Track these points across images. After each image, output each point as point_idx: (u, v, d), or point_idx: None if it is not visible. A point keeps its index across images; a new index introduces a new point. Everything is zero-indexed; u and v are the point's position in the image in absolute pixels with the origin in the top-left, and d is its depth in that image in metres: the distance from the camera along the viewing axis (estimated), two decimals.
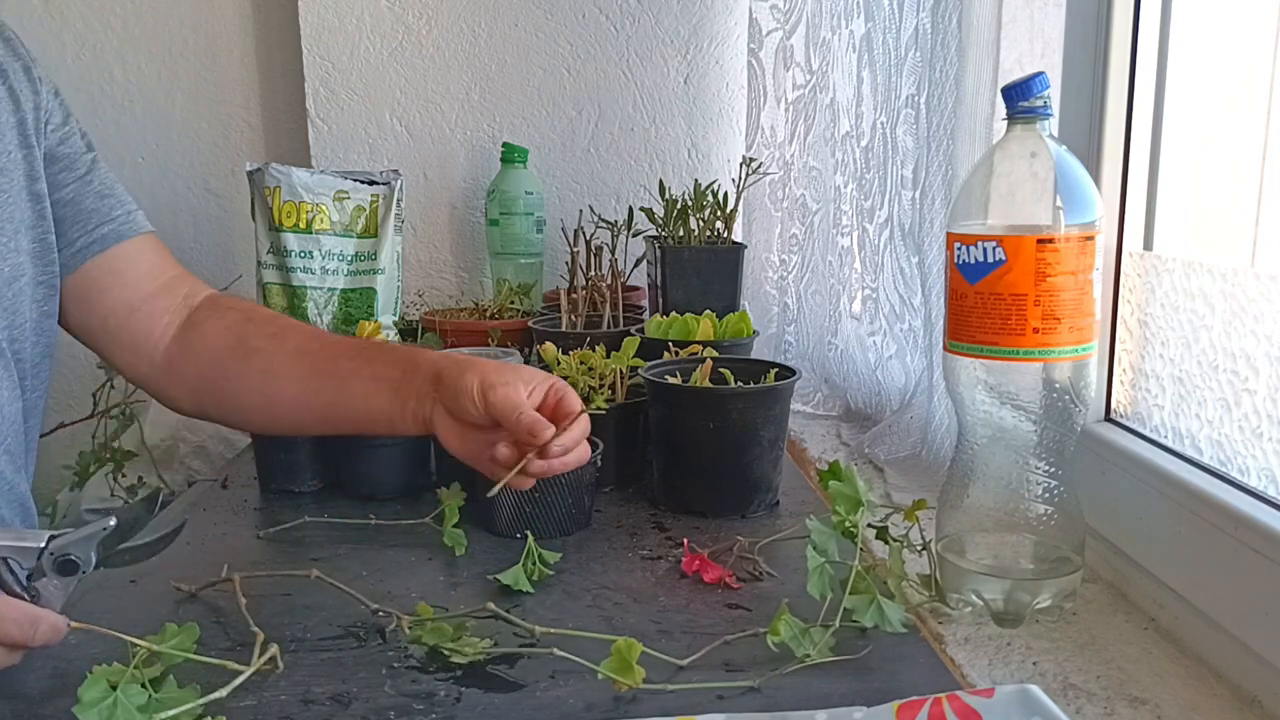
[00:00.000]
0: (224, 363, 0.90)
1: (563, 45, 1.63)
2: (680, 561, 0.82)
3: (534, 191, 1.59)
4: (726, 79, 1.64)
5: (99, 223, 0.91)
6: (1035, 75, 0.69)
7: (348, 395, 0.84)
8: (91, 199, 0.92)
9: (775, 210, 1.47)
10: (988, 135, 0.91)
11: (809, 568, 0.65)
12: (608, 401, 1.03)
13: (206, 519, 0.96)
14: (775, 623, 0.64)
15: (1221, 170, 0.81)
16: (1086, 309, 0.68)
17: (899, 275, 1.13)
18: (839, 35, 1.28)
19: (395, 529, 0.92)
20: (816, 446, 1.20)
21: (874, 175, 1.18)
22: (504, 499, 0.88)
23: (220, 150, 1.73)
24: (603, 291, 1.34)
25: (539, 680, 0.63)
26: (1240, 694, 0.62)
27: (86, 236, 0.91)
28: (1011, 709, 0.53)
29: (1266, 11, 0.75)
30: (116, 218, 0.92)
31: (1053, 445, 0.71)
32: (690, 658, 0.65)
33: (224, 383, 0.90)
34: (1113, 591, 0.78)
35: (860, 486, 0.68)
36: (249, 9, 1.69)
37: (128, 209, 0.94)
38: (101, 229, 0.91)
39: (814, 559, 0.65)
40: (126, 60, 1.69)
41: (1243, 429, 0.68)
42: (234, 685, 0.59)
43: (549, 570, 0.80)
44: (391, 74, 1.63)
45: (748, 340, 1.16)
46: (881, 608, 0.65)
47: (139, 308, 0.92)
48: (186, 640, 0.63)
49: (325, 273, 1.36)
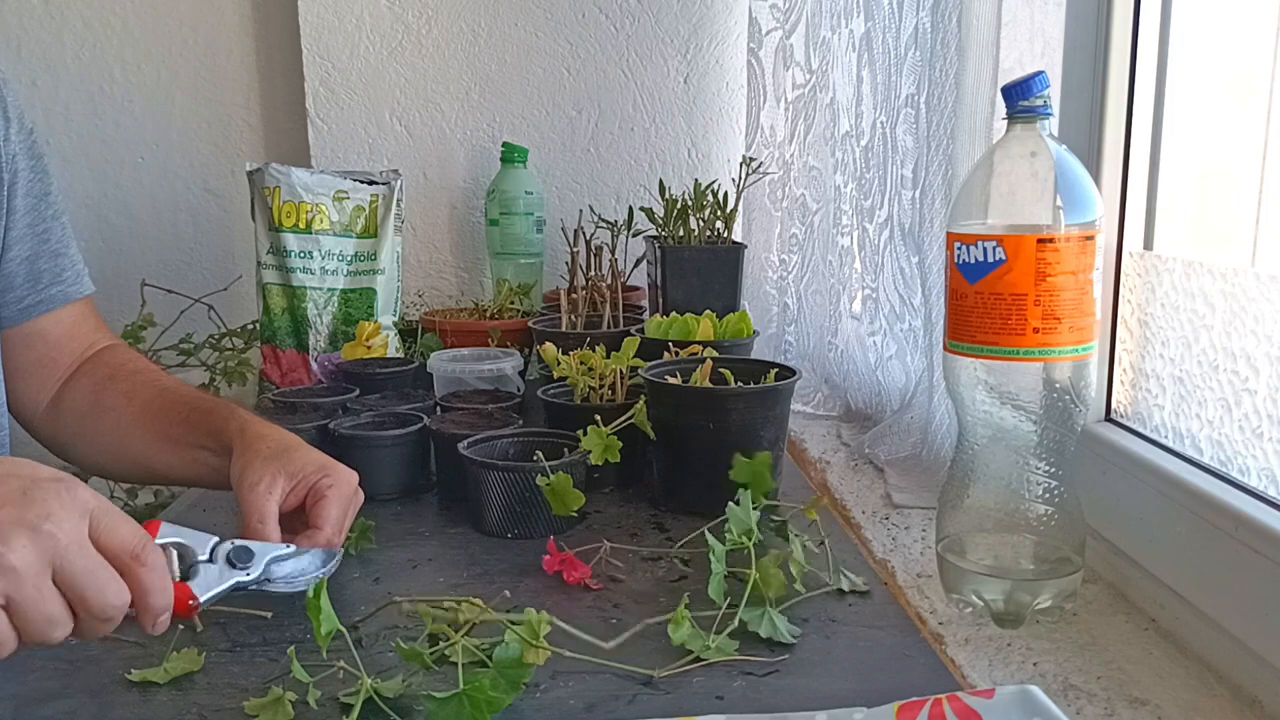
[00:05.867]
0: (83, 420, 0.93)
1: (563, 45, 1.63)
2: (681, 561, 0.82)
3: (534, 191, 1.59)
4: (726, 79, 1.64)
5: (49, 283, 0.91)
6: (1035, 75, 0.69)
7: (177, 460, 0.87)
8: (46, 259, 0.91)
9: (775, 210, 1.47)
10: (988, 135, 0.91)
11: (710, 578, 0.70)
12: (608, 401, 1.03)
13: (206, 520, 0.96)
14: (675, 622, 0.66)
15: (1221, 170, 0.81)
16: (1087, 309, 0.68)
17: (899, 275, 1.13)
18: (839, 35, 1.28)
19: (395, 529, 0.92)
20: (816, 446, 1.20)
21: (874, 175, 1.18)
22: (493, 498, 0.88)
23: (220, 150, 1.73)
24: (603, 291, 1.34)
25: (539, 680, 0.63)
26: (1241, 694, 0.62)
27: (35, 295, 0.91)
28: (1012, 710, 0.53)
29: (1266, 11, 0.75)
30: (66, 279, 0.93)
31: (1053, 445, 0.71)
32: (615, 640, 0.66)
33: (81, 439, 0.93)
34: (1113, 592, 0.78)
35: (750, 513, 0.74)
36: (249, 9, 1.69)
37: (76, 269, 0.94)
38: (50, 290, 0.91)
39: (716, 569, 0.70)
40: (126, 60, 1.69)
41: (1243, 429, 0.68)
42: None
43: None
44: (391, 74, 1.63)
45: (748, 340, 1.16)
46: (773, 620, 0.68)
47: (46, 365, 0.94)
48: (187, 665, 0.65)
49: (325, 273, 1.37)
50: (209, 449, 0.84)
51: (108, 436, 0.91)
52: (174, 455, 0.87)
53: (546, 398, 1.06)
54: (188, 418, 0.87)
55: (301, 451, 0.78)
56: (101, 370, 0.95)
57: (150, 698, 0.63)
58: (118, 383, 0.93)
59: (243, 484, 0.74)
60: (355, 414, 1.06)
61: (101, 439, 0.92)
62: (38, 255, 0.90)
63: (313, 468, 0.77)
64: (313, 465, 0.77)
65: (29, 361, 0.93)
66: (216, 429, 0.83)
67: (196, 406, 0.89)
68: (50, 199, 0.91)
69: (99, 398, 0.92)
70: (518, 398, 1.15)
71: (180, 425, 0.87)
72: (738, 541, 0.73)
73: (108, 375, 0.94)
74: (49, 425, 0.95)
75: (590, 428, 0.92)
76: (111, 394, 0.92)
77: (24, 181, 0.88)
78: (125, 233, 1.73)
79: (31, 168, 0.89)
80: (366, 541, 0.86)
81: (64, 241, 0.93)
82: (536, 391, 1.09)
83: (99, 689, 0.64)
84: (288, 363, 1.38)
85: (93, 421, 0.92)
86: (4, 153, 0.85)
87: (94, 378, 0.94)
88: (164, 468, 0.89)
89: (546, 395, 1.06)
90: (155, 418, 0.89)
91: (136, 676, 0.64)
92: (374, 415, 1.06)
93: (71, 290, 0.93)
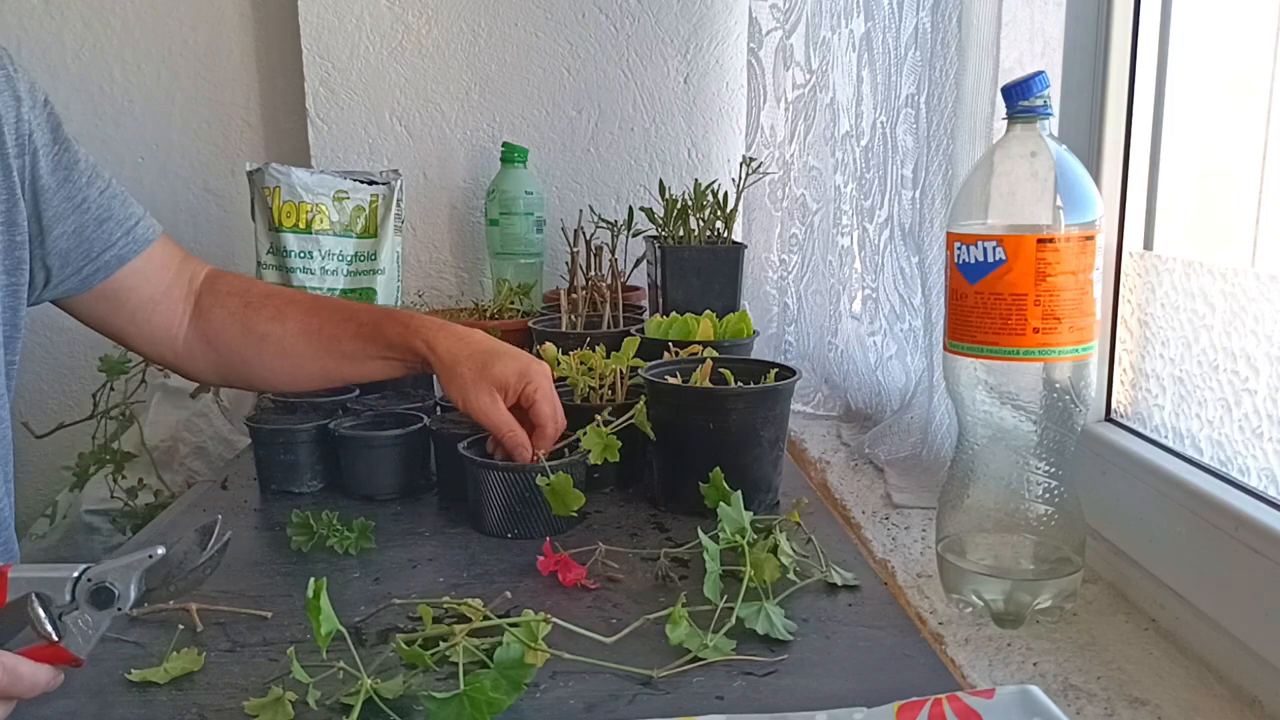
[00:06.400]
0: (240, 350, 0.97)
1: (563, 45, 1.63)
2: (680, 561, 0.82)
3: (534, 191, 1.59)
4: (726, 79, 1.64)
5: (101, 249, 0.91)
6: (1035, 75, 0.69)
7: (363, 370, 0.97)
8: (92, 227, 0.90)
9: (775, 210, 1.47)
10: (988, 135, 0.91)
11: (705, 576, 0.71)
12: (607, 401, 1.03)
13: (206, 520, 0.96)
14: (673, 622, 0.66)
15: (1221, 170, 0.81)
16: (1087, 309, 0.68)
17: (899, 275, 1.13)
18: (839, 34, 1.28)
19: (395, 529, 0.92)
20: (816, 446, 1.20)
21: (874, 175, 1.18)
22: (492, 498, 0.88)
23: (220, 150, 1.73)
24: (603, 291, 1.34)
25: (539, 680, 0.63)
26: (1241, 695, 0.62)
27: (91, 264, 0.91)
28: (1012, 710, 0.53)
29: (1266, 12, 0.75)
30: (117, 242, 0.92)
31: (1053, 445, 0.71)
32: (616, 636, 0.66)
33: (244, 367, 0.98)
34: (1113, 592, 0.78)
35: (741, 513, 0.75)
36: (249, 9, 1.69)
37: (126, 228, 0.93)
38: (104, 256, 0.91)
39: (711, 567, 0.71)
40: (126, 60, 1.69)
41: (1243, 429, 0.68)
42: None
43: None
44: (391, 74, 1.63)
45: (748, 340, 1.16)
46: (769, 615, 0.69)
47: (154, 308, 0.96)
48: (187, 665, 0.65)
49: (325, 273, 1.36)
50: (395, 359, 0.95)
51: (275, 362, 0.97)
52: (358, 367, 0.97)
53: None
54: (358, 333, 0.96)
55: (498, 362, 0.91)
56: (230, 301, 0.98)
57: (150, 698, 0.63)
58: (257, 310, 0.98)
59: (474, 409, 0.90)
60: (355, 414, 1.06)
61: (268, 360, 0.97)
62: (83, 226, 0.90)
63: (514, 377, 0.90)
64: (513, 374, 0.90)
65: (128, 313, 0.95)
66: (399, 342, 0.94)
67: (361, 320, 0.97)
68: (80, 167, 0.90)
69: (248, 327, 0.97)
70: None
71: (354, 340, 0.96)
72: (731, 540, 0.73)
73: (241, 304, 0.98)
74: (193, 360, 0.99)
75: (590, 428, 0.92)
76: (259, 321, 0.97)
77: (46, 156, 0.87)
78: None
79: (53, 139, 0.88)
80: (366, 541, 0.86)
81: (105, 207, 0.91)
82: None
83: (99, 689, 0.64)
84: None
85: (252, 350, 0.97)
86: (18, 132, 0.84)
87: (227, 308, 0.98)
88: (351, 377, 0.99)
89: None
90: (320, 338, 0.96)
91: (136, 676, 0.64)
92: (374, 415, 1.06)
93: (125, 252, 0.93)
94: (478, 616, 0.68)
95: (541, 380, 0.91)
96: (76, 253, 0.90)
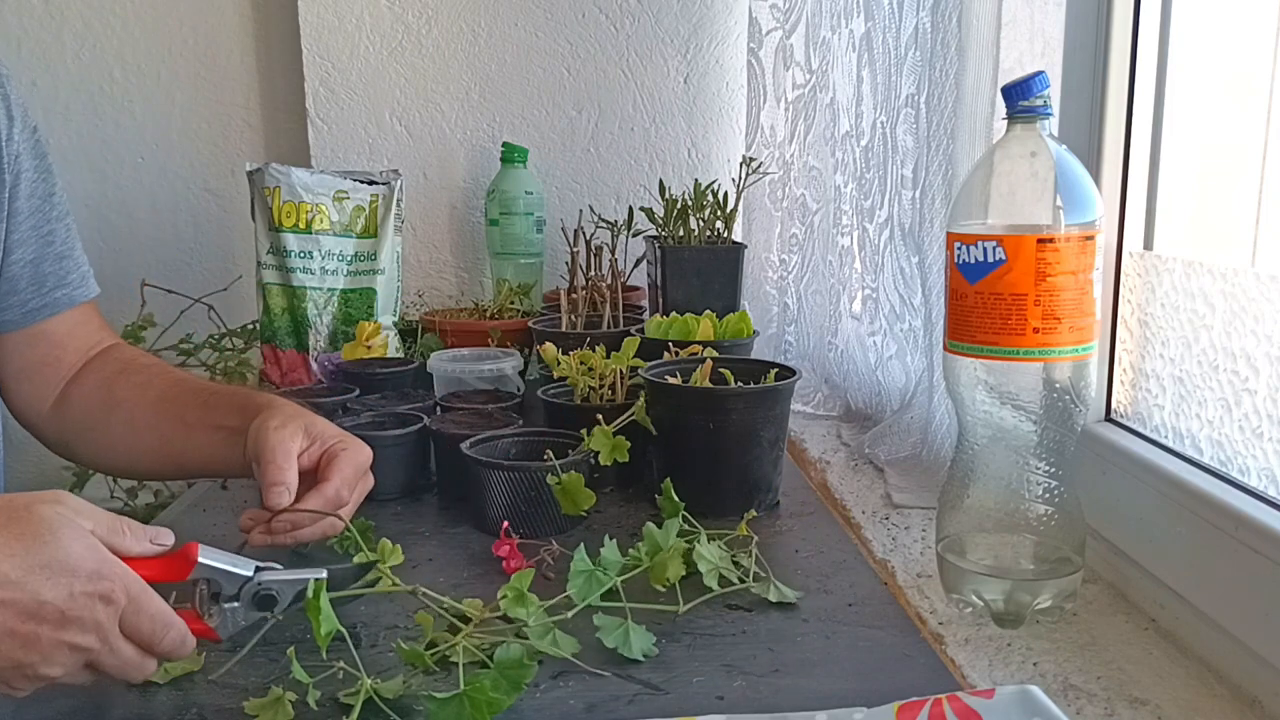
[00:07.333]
0: (93, 416, 0.92)
1: (563, 45, 1.63)
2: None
3: (534, 191, 1.59)
4: (726, 79, 1.64)
5: (54, 286, 0.90)
6: (1035, 75, 0.69)
7: (194, 444, 0.88)
8: (51, 261, 0.90)
9: (775, 210, 1.47)
10: (988, 135, 0.91)
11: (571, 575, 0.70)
12: (607, 401, 1.03)
13: (206, 520, 0.96)
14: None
15: (1221, 170, 0.81)
16: (1087, 309, 0.68)
17: (899, 275, 1.13)
18: (839, 35, 1.28)
19: (395, 529, 0.92)
20: (816, 446, 1.20)
21: (874, 175, 1.18)
22: (495, 496, 0.88)
23: (220, 150, 1.73)
24: (603, 291, 1.34)
25: (539, 680, 0.63)
26: (1241, 695, 0.62)
27: (39, 299, 0.90)
28: (1012, 710, 0.53)
29: (1266, 12, 0.75)
30: (70, 282, 0.92)
31: (1053, 445, 0.71)
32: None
33: (90, 436, 0.93)
34: (1113, 592, 0.78)
35: (672, 535, 0.75)
36: (249, 9, 1.69)
37: (82, 271, 0.93)
38: (55, 294, 0.91)
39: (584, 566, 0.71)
40: (126, 60, 1.69)
41: (1243, 429, 0.68)
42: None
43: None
44: (391, 74, 1.63)
45: (748, 340, 1.16)
46: (629, 635, 0.66)
47: (50, 365, 0.93)
48: (187, 665, 0.65)
49: (325, 273, 1.36)
50: (229, 427, 0.85)
51: (120, 430, 0.91)
52: (191, 438, 0.88)
53: (546, 398, 1.06)
54: (206, 401, 0.89)
55: (323, 421, 0.83)
56: (111, 366, 0.94)
57: (150, 698, 0.63)
58: (130, 376, 0.93)
59: (265, 429, 0.78)
60: (355, 414, 1.06)
61: (113, 433, 0.91)
62: (42, 258, 0.89)
63: (332, 433, 0.82)
64: (331, 432, 0.82)
65: (32, 362, 0.92)
66: (239, 405, 0.86)
67: (215, 391, 0.91)
68: (55, 200, 0.90)
69: (110, 393, 0.92)
70: (518, 398, 1.15)
71: (198, 409, 0.88)
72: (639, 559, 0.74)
73: (118, 370, 0.94)
74: (54, 425, 0.94)
75: (596, 429, 0.92)
76: (124, 387, 0.92)
77: (27, 182, 0.87)
78: (125, 233, 1.73)
79: (36, 168, 0.88)
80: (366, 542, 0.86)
81: (69, 244, 0.92)
82: (536, 391, 1.09)
83: (99, 689, 0.63)
84: (288, 363, 1.38)
85: (103, 417, 0.92)
86: (6, 152, 0.84)
87: (103, 374, 0.94)
88: (179, 453, 0.89)
89: (546, 395, 1.06)
90: (171, 404, 0.90)
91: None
92: (374, 415, 1.06)
93: (76, 294, 0.93)
94: (478, 616, 0.68)
95: (358, 451, 0.82)
96: (29, 285, 0.89)
